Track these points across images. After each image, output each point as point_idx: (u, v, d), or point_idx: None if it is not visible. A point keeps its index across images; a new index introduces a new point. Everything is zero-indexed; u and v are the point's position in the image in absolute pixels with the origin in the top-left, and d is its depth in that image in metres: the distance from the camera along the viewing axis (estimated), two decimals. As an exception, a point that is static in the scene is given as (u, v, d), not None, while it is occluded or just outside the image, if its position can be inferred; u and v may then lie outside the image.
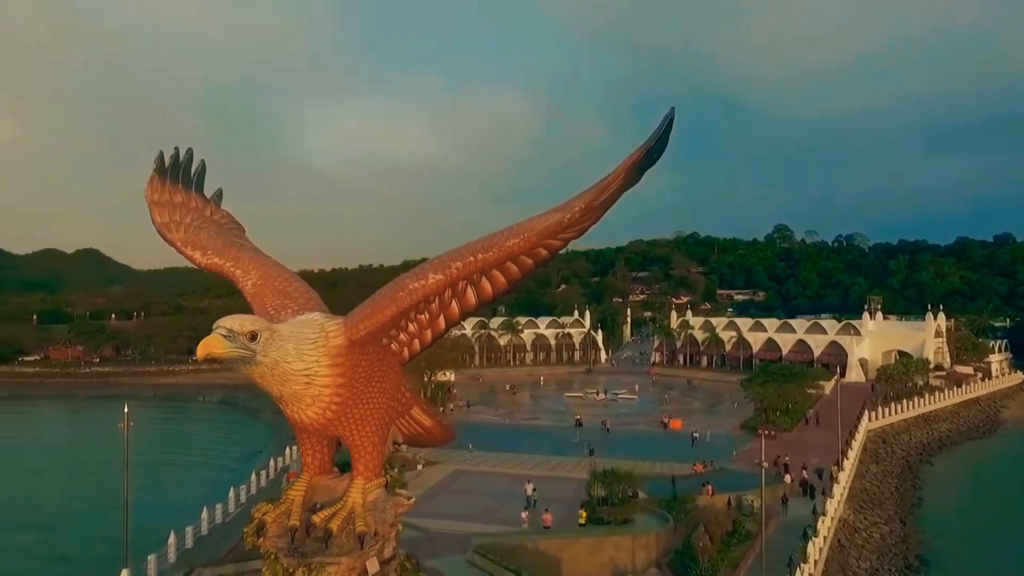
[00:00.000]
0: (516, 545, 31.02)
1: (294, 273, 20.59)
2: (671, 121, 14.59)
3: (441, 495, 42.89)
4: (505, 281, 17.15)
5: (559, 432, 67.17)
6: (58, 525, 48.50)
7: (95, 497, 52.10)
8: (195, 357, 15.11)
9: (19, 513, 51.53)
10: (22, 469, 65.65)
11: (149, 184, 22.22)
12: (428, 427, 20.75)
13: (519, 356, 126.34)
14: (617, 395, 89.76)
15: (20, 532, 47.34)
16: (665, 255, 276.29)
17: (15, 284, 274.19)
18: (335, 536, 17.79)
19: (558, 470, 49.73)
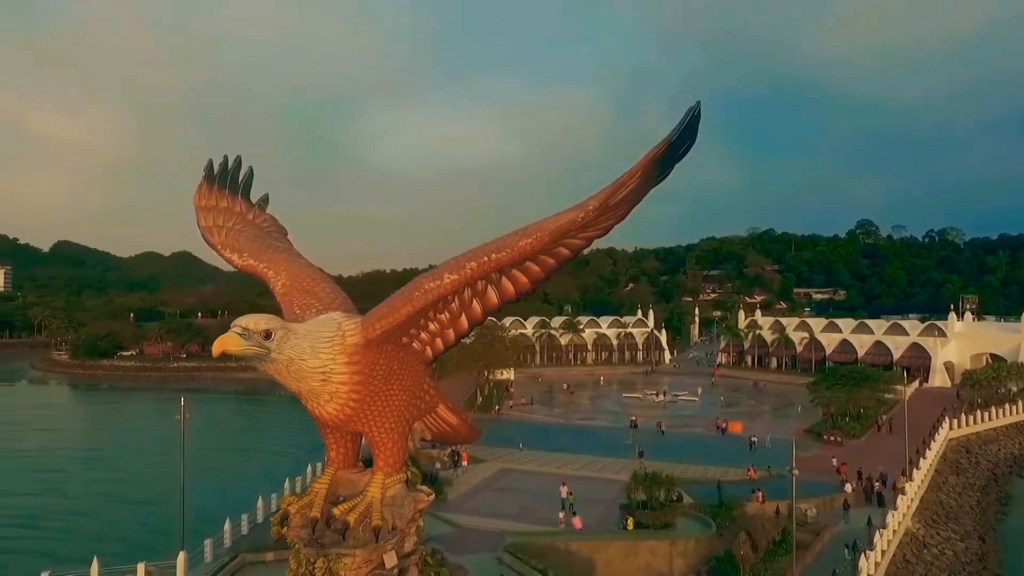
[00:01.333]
0: (548, 545, 30.98)
1: (324, 274, 21.44)
2: (695, 116, 14.10)
3: (483, 492, 43.36)
4: (527, 281, 17.20)
5: (613, 433, 66.31)
6: (156, 501, 51.79)
7: (190, 476, 55.54)
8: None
9: (128, 489, 56.75)
10: (129, 452, 71.36)
11: (197, 190, 23.61)
12: (454, 425, 21.10)
13: (580, 356, 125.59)
14: (677, 396, 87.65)
15: (126, 506, 52.42)
16: (738, 253, 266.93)
17: (119, 284, 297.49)
18: (352, 529, 18.43)
19: (605, 471, 49.17)
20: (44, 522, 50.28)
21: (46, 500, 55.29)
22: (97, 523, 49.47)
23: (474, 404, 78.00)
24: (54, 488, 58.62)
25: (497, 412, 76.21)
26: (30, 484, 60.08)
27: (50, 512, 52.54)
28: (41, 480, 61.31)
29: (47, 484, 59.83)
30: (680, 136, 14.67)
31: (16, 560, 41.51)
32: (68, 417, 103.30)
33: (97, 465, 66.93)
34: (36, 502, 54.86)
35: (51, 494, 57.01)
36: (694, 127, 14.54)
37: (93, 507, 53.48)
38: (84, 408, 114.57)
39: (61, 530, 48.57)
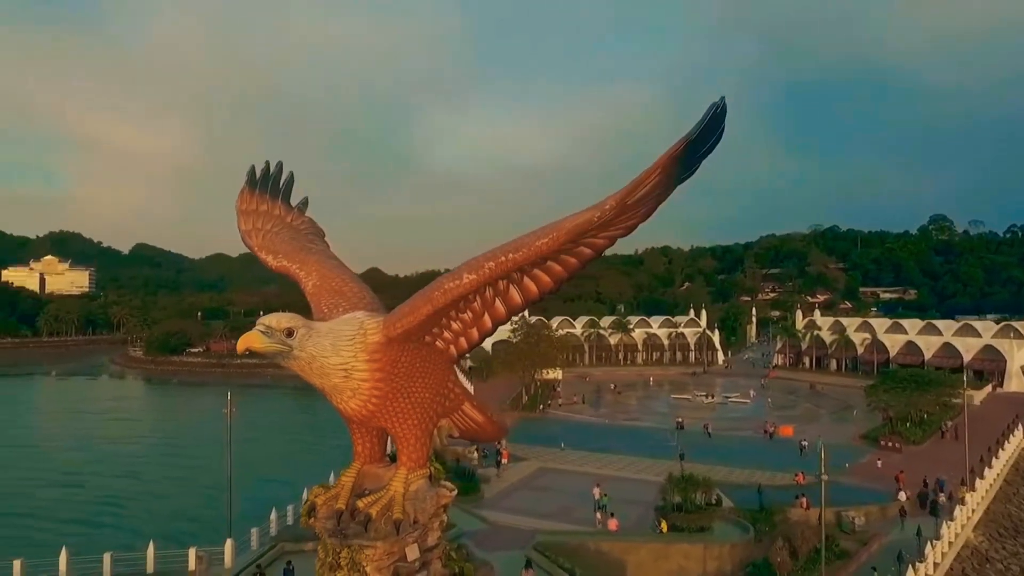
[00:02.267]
0: (578, 545, 30.99)
1: (354, 275, 22.27)
2: (717, 112, 13.96)
3: (521, 491, 43.66)
4: (550, 280, 17.45)
5: (658, 434, 65.42)
6: (221, 488, 54.56)
7: (246, 467, 58.43)
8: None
9: (197, 475, 59.70)
10: (196, 442, 75.08)
11: (239, 195, 24.90)
12: (481, 423, 21.56)
13: (630, 356, 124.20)
14: (728, 398, 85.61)
15: (195, 492, 55.47)
16: (800, 250, 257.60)
17: (191, 284, 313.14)
18: (374, 521, 19.13)
19: (645, 473, 48.62)
20: (125, 502, 54.07)
21: (127, 482, 59.41)
22: (168, 506, 52.75)
23: (520, 403, 78.47)
24: (133, 472, 62.85)
25: (542, 411, 76.41)
26: (113, 467, 64.86)
27: (130, 493, 56.46)
28: (122, 464, 65.87)
29: (127, 468, 64.31)
30: (701, 133, 14.48)
31: (101, 534, 44.93)
32: (143, 408, 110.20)
33: (169, 453, 71.19)
34: (119, 484, 59.00)
35: (130, 477, 61.19)
36: (717, 124, 14.35)
37: (166, 491, 57.07)
38: (156, 400, 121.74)
39: (140, 510, 52.14)
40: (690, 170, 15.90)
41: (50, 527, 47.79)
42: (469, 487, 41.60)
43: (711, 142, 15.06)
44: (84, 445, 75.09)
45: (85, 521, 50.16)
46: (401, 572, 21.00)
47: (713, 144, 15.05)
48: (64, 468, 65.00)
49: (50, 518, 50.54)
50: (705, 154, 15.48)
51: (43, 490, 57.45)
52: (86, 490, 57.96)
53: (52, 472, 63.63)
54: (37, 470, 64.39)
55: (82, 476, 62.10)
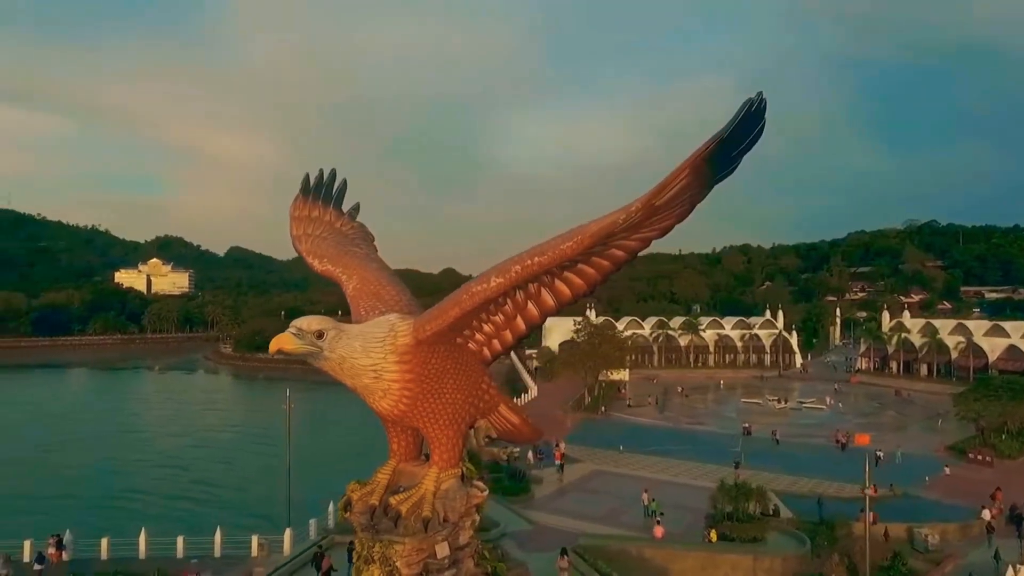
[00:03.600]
0: (620, 550, 30.63)
1: (394, 278, 23.11)
2: (753, 109, 13.71)
3: (572, 493, 43.56)
4: (583, 283, 17.69)
5: (722, 439, 63.36)
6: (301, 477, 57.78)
7: (315, 458, 61.32)
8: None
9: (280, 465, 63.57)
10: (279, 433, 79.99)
11: (293, 202, 26.43)
12: (516, 424, 22.02)
13: (701, 358, 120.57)
14: (803, 404, 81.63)
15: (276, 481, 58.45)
16: (893, 247, 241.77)
17: (279, 285, 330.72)
18: (404, 518, 19.94)
19: (703, 479, 47.24)
20: (217, 489, 57.95)
21: (221, 469, 63.72)
22: (246, 493, 56.10)
23: (582, 404, 77.98)
24: (224, 459, 67.40)
25: (604, 413, 75.64)
26: (207, 453, 69.86)
27: (223, 480, 60.50)
28: (214, 451, 70.80)
29: (218, 455, 69.07)
30: (734, 132, 14.11)
31: (188, 514, 48.30)
32: (232, 401, 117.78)
33: (254, 442, 75.58)
34: (213, 470, 63.33)
35: (222, 463, 65.66)
36: (755, 121, 13.92)
37: (252, 478, 60.41)
38: (243, 394, 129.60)
39: (223, 495, 55.68)
40: (726, 170, 15.51)
41: (150, 504, 52.69)
42: (519, 488, 41.95)
43: (748, 140, 14.59)
44: (184, 432, 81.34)
45: (180, 501, 54.33)
46: (431, 568, 21.62)
47: (751, 142, 14.62)
48: (167, 452, 70.77)
49: (154, 495, 55.53)
50: (742, 153, 15.04)
51: (149, 471, 63.02)
52: (186, 472, 62.83)
53: (157, 455, 69.62)
54: (145, 452, 70.96)
55: (182, 460, 67.28)
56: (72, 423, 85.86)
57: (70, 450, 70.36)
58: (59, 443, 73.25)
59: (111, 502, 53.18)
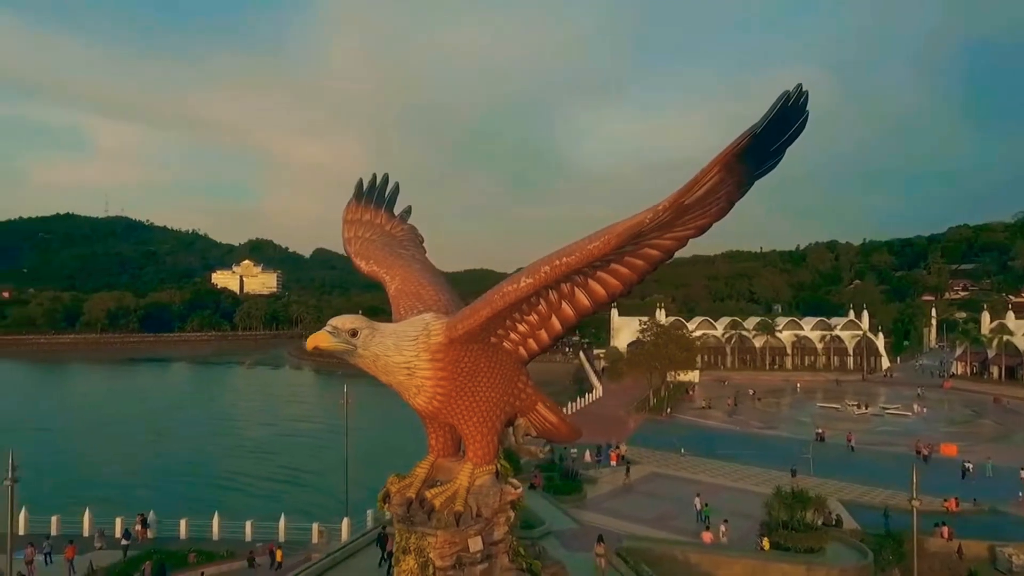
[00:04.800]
0: (664, 553, 30.09)
1: (436, 279, 23.96)
2: (789, 103, 13.37)
3: (625, 494, 43.09)
4: (618, 283, 17.89)
5: (793, 445, 60.63)
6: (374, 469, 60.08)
7: (383, 450, 63.83)
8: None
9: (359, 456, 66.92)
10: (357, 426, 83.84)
11: (346, 205, 27.87)
12: (555, 423, 22.47)
13: (777, 360, 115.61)
14: (886, 410, 76.81)
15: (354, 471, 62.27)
16: (1001, 242, 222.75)
17: (359, 285, 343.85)
18: (437, 511, 20.78)
19: (765, 486, 45.43)
20: (302, 476, 61.36)
21: (299, 458, 67.32)
22: (320, 483, 59.14)
23: (646, 405, 76.75)
24: (304, 451, 71.04)
25: (669, 414, 74.15)
26: (290, 444, 73.68)
27: (301, 467, 63.94)
28: (299, 443, 74.47)
29: (305, 446, 72.71)
30: (769, 126, 13.81)
31: (269, 501, 51.09)
32: (313, 395, 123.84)
33: (331, 434, 79.19)
34: (293, 459, 66.95)
35: (301, 455, 69.12)
36: (793, 115, 13.44)
37: (324, 468, 63.20)
38: (324, 389, 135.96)
39: (304, 484, 58.97)
40: (765, 166, 15.12)
41: (233, 488, 56.77)
42: (571, 487, 42.00)
43: (789, 134, 14.13)
44: (270, 422, 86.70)
45: (261, 486, 58.18)
46: (464, 562, 22.29)
47: (792, 137, 14.19)
48: (256, 441, 75.93)
49: (242, 479, 59.94)
50: (782, 148, 14.62)
51: (238, 458, 67.90)
52: (271, 459, 66.92)
53: (247, 443, 74.93)
54: (236, 440, 76.58)
55: (269, 448, 71.82)
56: (175, 412, 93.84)
57: (171, 437, 76.81)
58: (162, 430, 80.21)
59: (200, 485, 57.46)
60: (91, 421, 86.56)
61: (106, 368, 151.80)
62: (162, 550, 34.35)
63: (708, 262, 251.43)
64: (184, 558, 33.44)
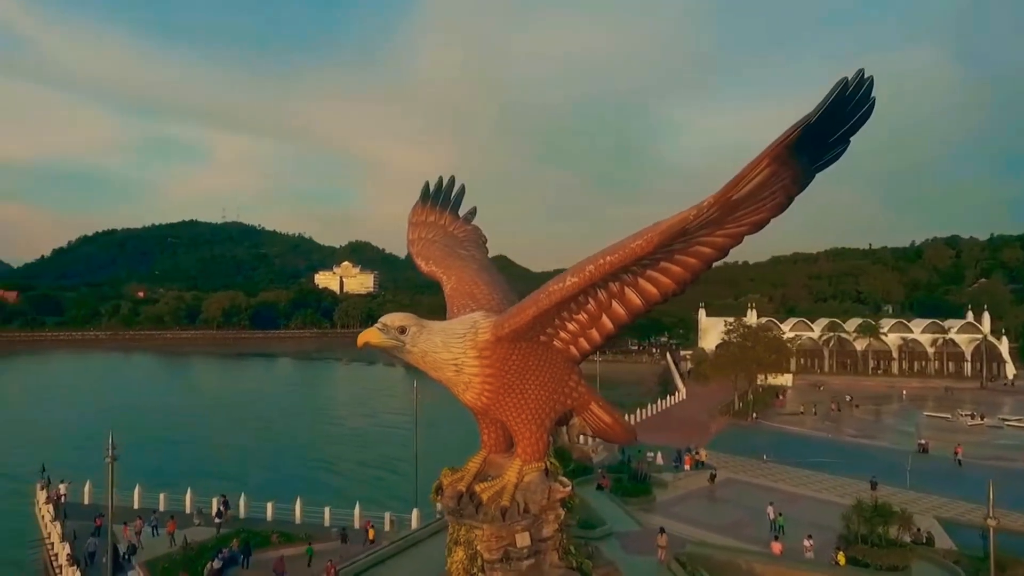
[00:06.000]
0: (727, 562, 28.97)
1: (492, 279, 24.64)
2: (848, 90, 12.98)
3: (697, 499, 41.79)
4: (670, 281, 17.93)
5: (892, 456, 56.34)
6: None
7: (470, 445, 65.59)
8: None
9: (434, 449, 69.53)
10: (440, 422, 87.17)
11: (412, 208, 29.12)
12: (609, 423, 22.66)
13: (883, 364, 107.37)
14: (1006, 421, 69.51)
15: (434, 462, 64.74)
16: None
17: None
18: (484, 505, 21.46)
19: (850, 497, 42.56)
20: (398, 464, 64.36)
21: (397, 448, 70.41)
22: (399, 473, 61.60)
23: (730, 409, 73.76)
24: (403, 442, 74.22)
25: (754, 419, 70.89)
26: (387, 436, 76.43)
27: (398, 457, 66.66)
28: (393, 433, 76.67)
29: (398, 437, 74.01)
30: (824, 116, 13.41)
31: (350, 488, 54.17)
32: (407, 390, 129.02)
33: (425, 427, 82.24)
34: (392, 450, 68.97)
35: (397, 446, 72.35)
36: (856, 102, 12.91)
37: (405, 459, 65.93)
38: (414, 384, 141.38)
39: (406, 473, 61.42)
40: (824, 158, 14.57)
41: (320, 475, 60.53)
42: (639, 489, 41.34)
43: (851, 124, 13.55)
44: (369, 414, 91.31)
45: (346, 473, 61.70)
46: (511, 556, 22.77)
47: (854, 126, 13.56)
48: (355, 430, 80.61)
49: (340, 464, 63.81)
50: (844, 138, 14.02)
51: (337, 446, 72.34)
52: (370, 448, 70.84)
53: (347, 432, 79.71)
54: (336, 428, 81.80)
55: (368, 438, 76.09)
56: (281, 403, 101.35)
57: (277, 425, 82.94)
58: (270, 419, 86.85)
59: (300, 469, 61.73)
60: (206, 408, 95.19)
61: (220, 361, 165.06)
62: (249, 530, 37.20)
63: (810, 260, 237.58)
64: (267, 538, 36.07)
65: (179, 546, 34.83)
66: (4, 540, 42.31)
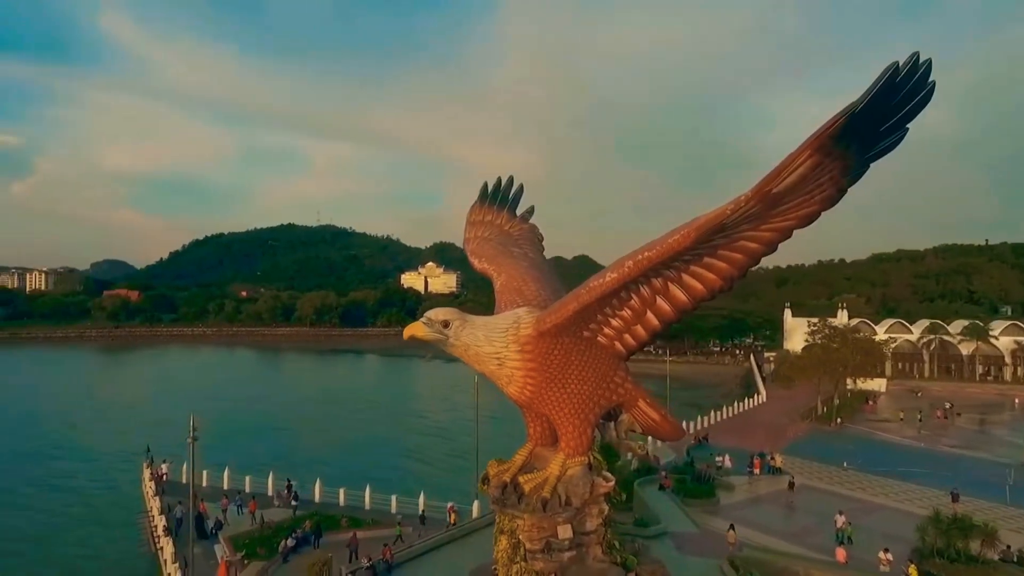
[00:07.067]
0: (783, 567, 27.88)
1: (541, 275, 25.35)
2: (898, 76, 12.44)
3: (764, 504, 40.23)
4: (716, 277, 18.13)
5: (989, 468, 51.75)
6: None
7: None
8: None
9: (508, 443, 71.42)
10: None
11: (471, 207, 30.17)
12: (656, 420, 23.00)
13: (992, 370, 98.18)
14: None
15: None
16: None
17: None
18: (526, 496, 22.21)
19: (933, 509, 39.66)
20: (471, 456, 66.72)
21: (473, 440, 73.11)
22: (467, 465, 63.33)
23: (814, 414, 70.04)
24: (482, 435, 76.39)
25: (839, 425, 66.95)
26: (469, 428, 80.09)
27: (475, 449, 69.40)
28: (471, 427, 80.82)
29: (464, 431, 78.05)
30: (871, 103, 13.13)
31: (421, 478, 56.43)
32: (488, 386, 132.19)
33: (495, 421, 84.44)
34: (470, 443, 72.78)
35: (466, 439, 74.81)
36: (909, 88, 12.10)
37: (498, 451, 67.56)
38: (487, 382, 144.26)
39: (458, 465, 63.51)
40: (876, 147, 14.22)
41: (396, 464, 63.05)
42: (703, 491, 40.42)
43: (906, 110, 13.15)
44: (449, 408, 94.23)
45: (426, 463, 64.19)
46: (553, 547, 23.30)
47: (910, 112, 13.16)
48: (437, 423, 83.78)
49: (422, 454, 66.89)
50: (898, 126, 13.61)
51: (420, 437, 75.74)
52: (447, 441, 73.35)
53: (429, 425, 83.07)
54: (419, 421, 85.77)
55: (449, 430, 78.74)
56: (367, 396, 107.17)
57: (362, 417, 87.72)
58: (355, 411, 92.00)
59: (381, 457, 64.79)
60: (298, 400, 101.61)
61: (312, 357, 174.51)
62: (322, 513, 39.60)
63: (915, 257, 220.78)
64: (338, 521, 38.26)
65: (257, 524, 37.61)
66: (121, 506, 48.44)
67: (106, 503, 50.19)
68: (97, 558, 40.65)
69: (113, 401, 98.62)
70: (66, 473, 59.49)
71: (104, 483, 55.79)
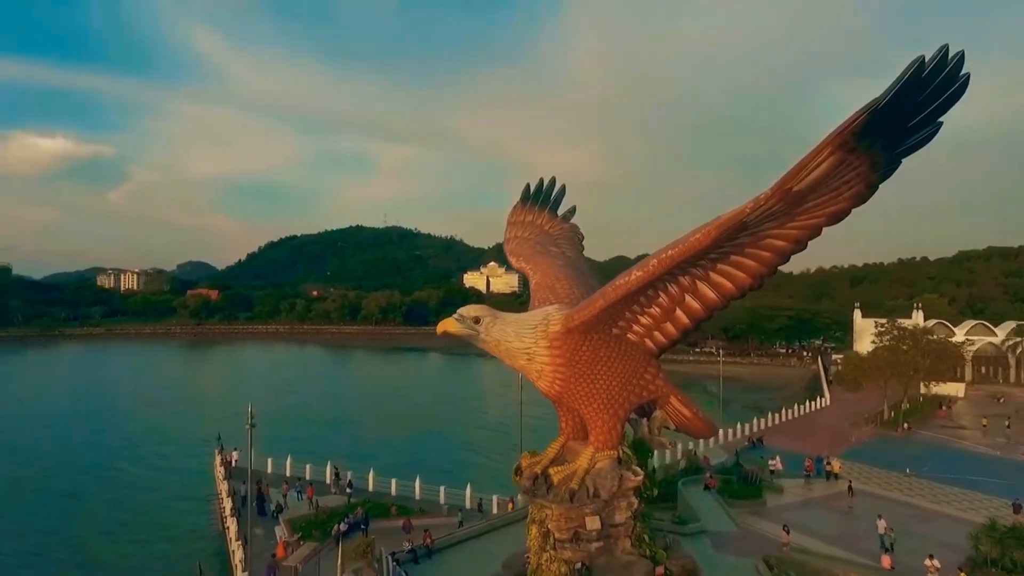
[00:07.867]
0: (821, 569, 27.34)
1: (577, 274, 26.31)
2: (924, 71, 12.76)
3: (812, 508, 39.19)
4: (745, 275, 18.87)
5: (1076, 480, 48.22)
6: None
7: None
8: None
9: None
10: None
11: (512, 208, 31.34)
12: (688, 417, 23.75)
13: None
14: None
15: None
16: None
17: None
18: (555, 487, 23.26)
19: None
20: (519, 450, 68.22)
21: (533, 437, 74.45)
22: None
23: (879, 418, 67.03)
24: (544, 432, 77.96)
25: (906, 430, 63.81)
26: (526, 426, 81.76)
27: (528, 446, 70.62)
28: (526, 423, 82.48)
29: (536, 428, 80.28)
30: (894, 99, 13.34)
31: (474, 470, 58.19)
32: (527, 384, 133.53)
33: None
34: (527, 438, 74.13)
35: (535, 435, 76.33)
36: (939, 82, 11.86)
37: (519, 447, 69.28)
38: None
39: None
40: (904, 143, 14.41)
41: (462, 456, 65.30)
42: (749, 492, 39.88)
43: (937, 104, 13.25)
44: (509, 404, 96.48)
45: (483, 456, 65.86)
46: (582, 538, 24.17)
47: (940, 107, 13.25)
48: (496, 419, 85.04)
49: (479, 448, 68.73)
50: (928, 121, 13.72)
51: (478, 431, 78.08)
52: (506, 436, 74.77)
53: (489, 421, 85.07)
54: (480, 417, 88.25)
55: (507, 427, 79.99)
56: (430, 391, 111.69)
57: (425, 411, 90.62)
58: (416, 405, 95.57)
59: (437, 450, 66.97)
60: (362, 395, 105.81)
61: (378, 354, 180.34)
62: (374, 501, 41.62)
63: (1007, 255, 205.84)
64: (387, 509, 40.14)
65: (314, 509, 39.98)
66: (197, 488, 52.52)
67: (186, 484, 54.56)
68: (175, 531, 44.27)
69: (195, 393, 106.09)
70: (158, 455, 65.58)
71: (188, 464, 60.51)
